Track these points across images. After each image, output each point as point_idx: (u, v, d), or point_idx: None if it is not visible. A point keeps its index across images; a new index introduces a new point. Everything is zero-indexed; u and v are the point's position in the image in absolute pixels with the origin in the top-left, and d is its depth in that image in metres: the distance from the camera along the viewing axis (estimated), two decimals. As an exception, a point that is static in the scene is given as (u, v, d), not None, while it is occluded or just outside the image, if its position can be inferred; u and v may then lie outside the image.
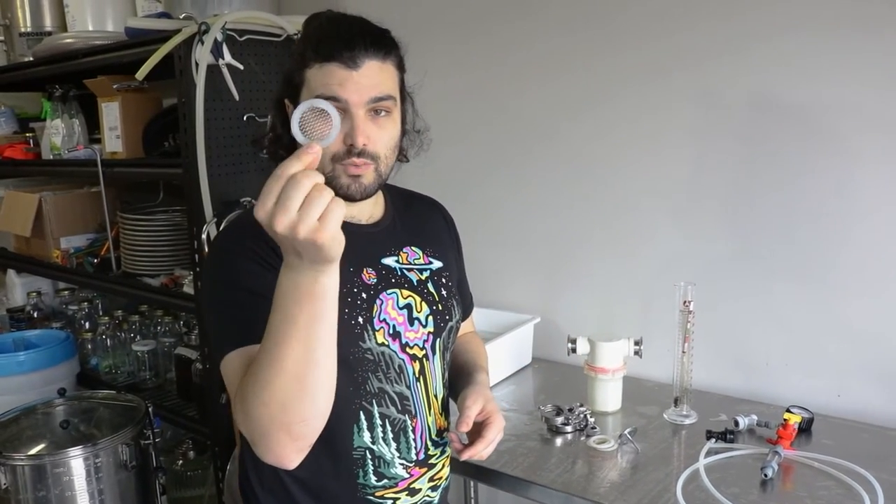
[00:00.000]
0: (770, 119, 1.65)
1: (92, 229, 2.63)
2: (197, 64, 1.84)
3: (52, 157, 2.48)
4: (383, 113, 1.10)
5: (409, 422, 1.20)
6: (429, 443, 1.24)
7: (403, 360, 1.19)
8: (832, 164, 1.60)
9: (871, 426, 1.57)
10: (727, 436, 1.51)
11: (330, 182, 1.06)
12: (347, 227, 1.13)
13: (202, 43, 1.81)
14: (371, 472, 1.18)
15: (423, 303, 1.23)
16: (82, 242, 2.60)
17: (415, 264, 1.26)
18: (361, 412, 1.16)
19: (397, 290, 1.20)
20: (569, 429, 1.60)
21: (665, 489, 1.35)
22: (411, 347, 1.20)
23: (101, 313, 2.71)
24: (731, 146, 1.71)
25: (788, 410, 1.52)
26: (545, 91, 1.96)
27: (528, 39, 1.96)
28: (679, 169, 1.79)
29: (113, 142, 2.23)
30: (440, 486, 1.29)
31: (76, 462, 1.82)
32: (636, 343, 1.67)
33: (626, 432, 1.53)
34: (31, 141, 2.68)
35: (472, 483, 2.08)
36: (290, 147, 1.15)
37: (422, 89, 2.13)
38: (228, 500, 1.91)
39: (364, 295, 1.16)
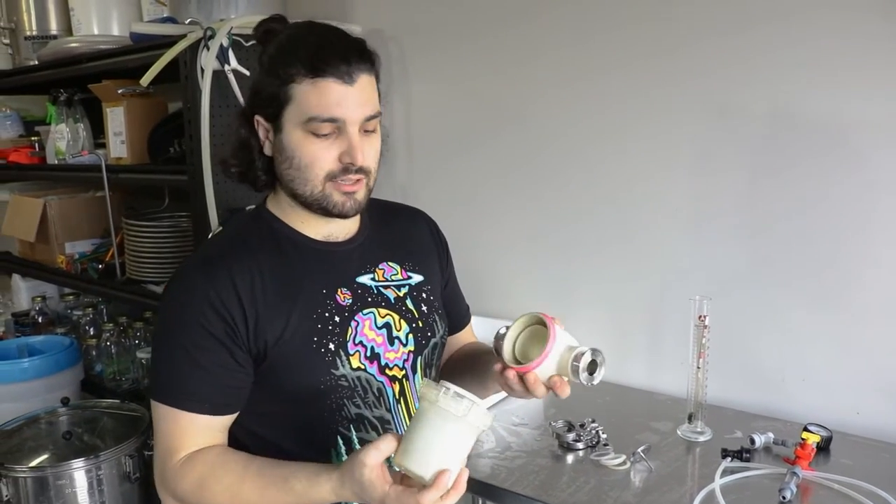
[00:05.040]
0: (788, 132, 1.61)
1: (97, 235, 2.60)
2: (202, 69, 1.81)
3: (56, 161, 2.45)
4: (371, 129, 1.09)
5: None
6: None
7: (382, 383, 1.14)
8: (852, 180, 1.55)
9: (892, 445, 1.53)
10: (743, 454, 1.46)
11: (321, 201, 1.08)
12: (319, 247, 1.15)
13: (208, 48, 1.79)
14: None
15: (402, 321, 1.18)
16: (87, 248, 2.57)
17: (392, 281, 1.20)
18: (339, 437, 1.11)
19: (374, 310, 1.16)
20: (580, 445, 1.56)
21: (680, 511, 1.31)
22: (391, 368, 1.16)
23: (105, 319, 2.68)
24: (749, 160, 1.67)
25: (806, 429, 1.47)
26: (556, 99, 1.92)
27: (537, 46, 1.92)
28: (695, 181, 1.75)
29: (118, 147, 2.20)
30: None
31: (79, 474, 1.81)
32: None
33: (639, 450, 1.50)
34: (37, 145, 2.66)
35: (480, 501, 2.04)
36: (266, 169, 1.12)
37: (428, 94, 2.11)
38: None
39: (337, 318, 1.11)
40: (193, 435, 1.05)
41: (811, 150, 1.59)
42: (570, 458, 1.54)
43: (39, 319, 2.83)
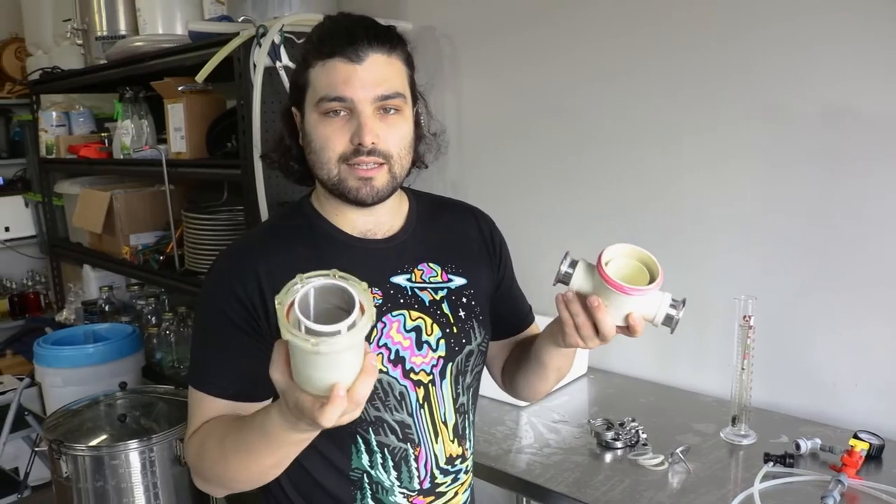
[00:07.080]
0: (846, 129, 1.55)
1: (160, 227, 2.70)
2: (255, 66, 1.86)
3: (122, 156, 2.56)
4: (392, 111, 1.05)
5: (411, 450, 1.12)
6: (435, 471, 1.14)
7: (406, 387, 1.10)
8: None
9: (950, 456, 1.46)
10: (787, 460, 1.42)
11: (339, 185, 1.06)
12: (354, 244, 1.13)
13: (260, 45, 1.83)
14: (369, 496, 1.11)
15: (435, 325, 1.13)
16: (150, 240, 2.67)
17: (430, 283, 1.15)
18: (358, 437, 1.10)
19: (405, 312, 1.11)
20: (619, 444, 1.54)
21: (715, 514, 1.28)
22: (416, 373, 1.11)
23: (166, 309, 2.78)
24: (803, 157, 1.61)
25: (856, 436, 1.42)
26: (606, 93, 1.90)
27: (585, 40, 1.90)
28: (745, 179, 1.70)
29: (178, 142, 2.28)
30: None
31: (133, 455, 1.87)
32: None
33: (678, 451, 1.47)
34: (106, 141, 2.78)
35: (523, 499, 2.04)
36: (300, 159, 1.13)
37: (479, 90, 2.09)
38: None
39: None
40: (212, 417, 1.05)
41: (874, 150, 1.52)
42: (607, 456, 1.52)
43: (106, 308, 2.96)
